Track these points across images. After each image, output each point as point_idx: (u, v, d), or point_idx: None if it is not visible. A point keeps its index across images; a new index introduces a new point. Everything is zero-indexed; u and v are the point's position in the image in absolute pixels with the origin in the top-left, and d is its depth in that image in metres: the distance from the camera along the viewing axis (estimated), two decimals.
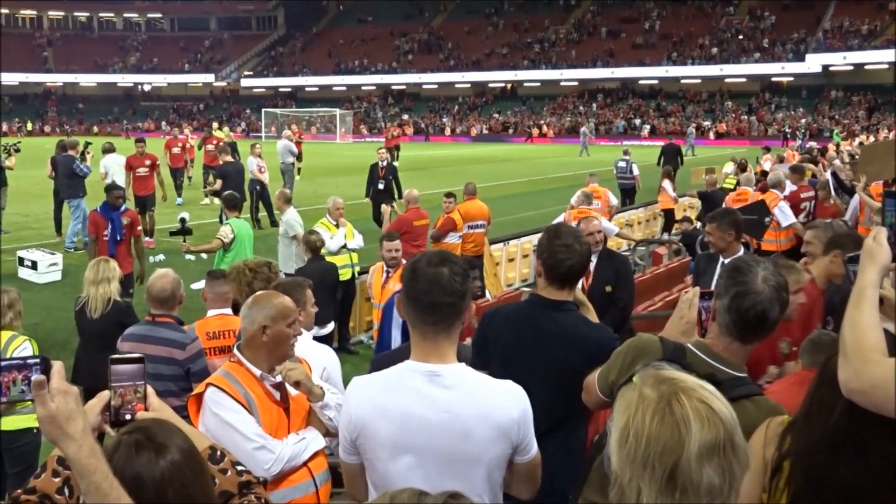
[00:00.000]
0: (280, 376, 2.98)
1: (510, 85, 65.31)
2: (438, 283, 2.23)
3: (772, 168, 14.73)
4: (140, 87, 76.18)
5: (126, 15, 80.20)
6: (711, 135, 51.34)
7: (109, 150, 15.09)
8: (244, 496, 2.05)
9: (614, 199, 13.66)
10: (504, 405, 2.25)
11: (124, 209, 9.19)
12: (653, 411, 1.46)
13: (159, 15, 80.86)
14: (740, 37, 58.25)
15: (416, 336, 2.30)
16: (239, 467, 2.10)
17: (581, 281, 4.86)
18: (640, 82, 60.22)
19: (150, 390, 1.94)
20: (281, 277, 5.13)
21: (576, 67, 60.84)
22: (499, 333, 3.25)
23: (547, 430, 2.44)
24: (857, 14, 53.87)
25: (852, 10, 54.47)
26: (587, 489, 2.39)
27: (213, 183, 14.12)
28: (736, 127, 53.05)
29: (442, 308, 2.24)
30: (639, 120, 56.70)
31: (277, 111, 60.10)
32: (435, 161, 36.07)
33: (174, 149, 19.46)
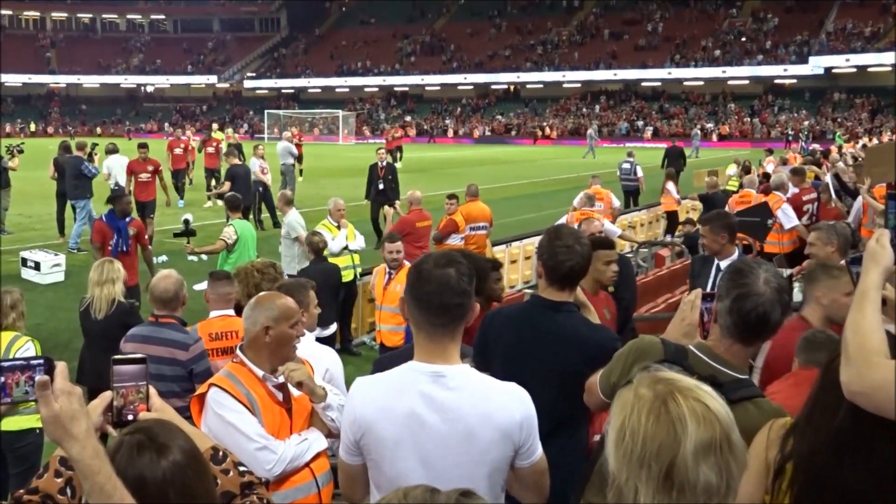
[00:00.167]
0: (282, 377, 2.98)
1: (513, 87, 65.29)
2: (447, 285, 2.23)
3: (774, 170, 14.70)
4: (143, 89, 76.26)
5: (129, 16, 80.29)
6: (714, 137, 51.33)
7: (112, 151, 15.24)
8: (246, 497, 2.05)
9: (616, 201, 13.66)
10: (507, 407, 2.25)
11: (130, 219, 8.91)
12: (648, 410, 1.46)
13: (162, 16, 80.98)
14: (743, 39, 58.18)
15: (422, 337, 2.30)
16: (241, 468, 2.10)
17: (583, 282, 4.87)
18: (643, 84, 60.20)
19: (153, 391, 1.95)
20: (284, 279, 5.14)
21: (578, 69, 60.84)
22: (499, 334, 3.25)
23: (548, 432, 2.44)
24: (861, 16, 53.80)
25: (855, 13, 54.41)
26: (589, 491, 2.38)
27: (221, 185, 14.11)
28: (739, 129, 53.03)
29: (451, 309, 2.25)
30: (641, 122, 56.67)
31: (280, 112, 60.14)
32: (437, 163, 36.06)
33: (176, 150, 19.52)
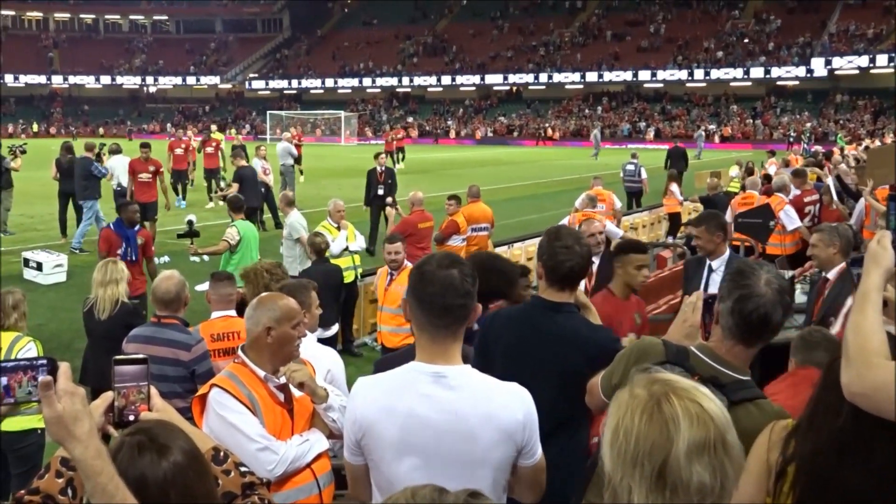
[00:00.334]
0: (284, 378, 2.99)
1: (515, 88, 65.30)
2: (451, 286, 2.23)
3: (776, 172, 14.69)
4: (145, 89, 76.29)
5: (132, 17, 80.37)
6: (717, 138, 51.29)
7: (116, 152, 15.33)
8: (247, 497, 2.05)
9: (618, 203, 13.64)
10: (509, 407, 2.25)
11: (139, 228, 8.70)
12: (642, 410, 1.47)
13: (165, 17, 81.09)
14: (746, 40, 58.14)
15: (425, 338, 2.30)
16: (242, 468, 2.10)
17: (584, 282, 4.88)
18: (646, 86, 60.15)
19: (154, 391, 1.94)
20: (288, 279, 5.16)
21: (581, 70, 60.82)
22: (500, 335, 3.25)
23: (549, 432, 2.44)
24: (863, 18, 53.77)
25: (858, 14, 54.39)
26: (590, 492, 2.39)
27: (228, 187, 14.11)
28: (741, 131, 52.99)
29: (454, 310, 2.25)
30: (644, 123, 56.65)
31: (282, 113, 60.21)
32: (439, 164, 36.08)
33: (177, 150, 19.46)
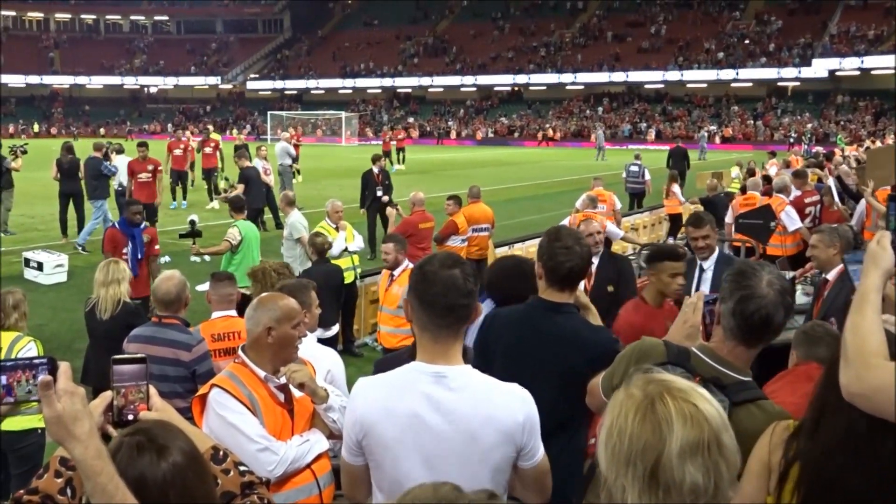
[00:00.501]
0: (284, 378, 2.98)
1: (516, 88, 65.31)
2: (453, 286, 2.23)
3: (777, 173, 14.69)
4: (146, 90, 76.32)
5: (132, 17, 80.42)
6: (717, 139, 51.29)
7: (120, 152, 15.51)
8: (247, 496, 2.05)
9: (619, 203, 13.63)
10: (509, 408, 2.24)
11: (144, 226, 8.65)
12: (635, 410, 1.47)
13: (166, 17, 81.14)
14: (746, 41, 58.14)
15: (427, 338, 2.30)
16: (242, 468, 2.10)
17: (583, 282, 4.88)
18: (646, 86, 60.16)
19: (153, 391, 1.94)
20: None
21: (582, 71, 60.84)
22: (500, 335, 3.24)
23: (548, 432, 2.43)
24: (864, 19, 53.77)
25: (859, 15, 54.39)
26: (590, 492, 2.38)
27: (234, 188, 14.12)
28: (742, 131, 52.99)
29: (456, 310, 2.25)
30: (644, 124, 56.64)
31: (283, 114, 60.21)
32: (440, 164, 36.09)
33: (176, 151, 19.37)
